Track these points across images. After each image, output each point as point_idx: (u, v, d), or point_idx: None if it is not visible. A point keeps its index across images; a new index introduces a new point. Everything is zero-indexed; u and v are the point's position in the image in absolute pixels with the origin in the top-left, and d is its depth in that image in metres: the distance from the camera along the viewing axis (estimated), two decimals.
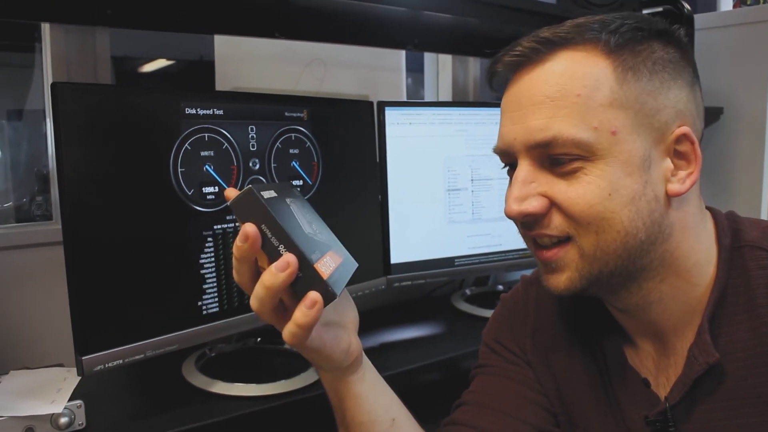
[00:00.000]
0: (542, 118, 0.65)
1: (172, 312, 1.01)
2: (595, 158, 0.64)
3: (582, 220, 0.65)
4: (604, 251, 0.65)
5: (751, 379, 0.65)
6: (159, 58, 1.68)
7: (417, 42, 1.60)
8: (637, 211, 0.65)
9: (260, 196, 0.59)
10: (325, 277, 0.58)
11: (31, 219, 1.37)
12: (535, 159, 0.67)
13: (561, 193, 0.66)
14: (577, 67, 0.65)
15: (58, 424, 0.90)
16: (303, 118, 1.19)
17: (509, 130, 0.69)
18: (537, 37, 0.67)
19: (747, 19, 1.82)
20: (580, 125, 0.64)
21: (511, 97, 0.69)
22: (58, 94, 0.88)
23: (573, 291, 0.68)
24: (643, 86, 0.65)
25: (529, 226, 0.69)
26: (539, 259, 0.71)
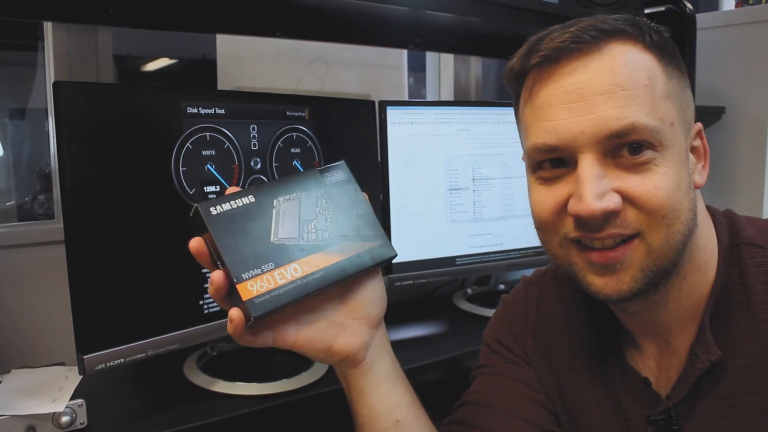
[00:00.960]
0: (616, 107, 0.62)
1: (173, 311, 1.01)
2: (662, 149, 0.63)
3: (658, 213, 0.63)
4: (670, 245, 0.64)
5: (750, 377, 0.65)
6: (161, 57, 1.68)
7: (419, 41, 1.60)
8: (690, 201, 0.66)
9: (206, 213, 0.60)
10: (245, 298, 0.59)
11: (33, 218, 1.37)
12: (601, 153, 0.64)
13: (637, 187, 0.63)
14: (635, 58, 0.64)
15: (60, 423, 0.90)
16: (304, 117, 1.19)
17: (571, 122, 0.63)
18: (585, 25, 0.65)
19: (749, 19, 1.82)
20: (651, 114, 0.63)
21: (566, 88, 0.64)
22: (59, 93, 0.88)
23: (634, 293, 0.65)
24: (679, 82, 0.67)
25: (596, 227, 0.64)
26: (594, 261, 0.66)
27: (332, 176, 0.70)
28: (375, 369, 0.71)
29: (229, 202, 0.62)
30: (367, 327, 0.70)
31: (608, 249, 0.65)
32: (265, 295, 0.60)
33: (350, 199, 0.70)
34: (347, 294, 0.69)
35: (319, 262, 0.64)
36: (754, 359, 0.66)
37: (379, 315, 0.71)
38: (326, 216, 0.67)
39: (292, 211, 0.66)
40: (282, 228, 0.64)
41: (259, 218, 0.63)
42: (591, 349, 0.79)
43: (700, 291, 0.70)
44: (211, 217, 0.61)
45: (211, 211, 0.61)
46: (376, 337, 0.71)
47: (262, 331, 0.63)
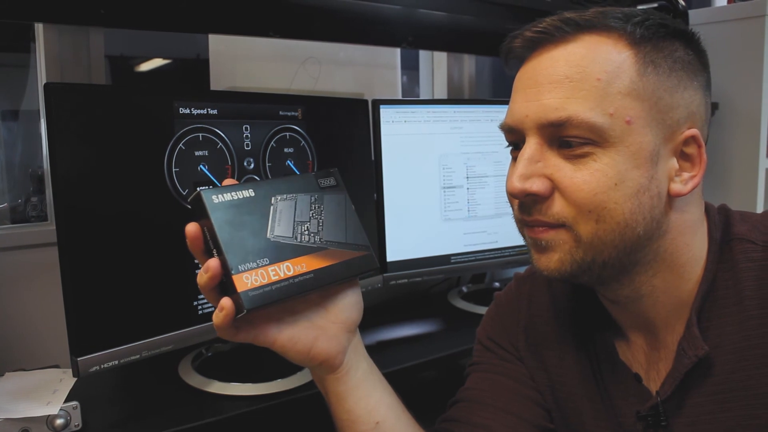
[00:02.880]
0: (558, 98, 0.64)
1: (167, 312, 1.01)
2: (606, 145, 0.63)
3: (583, 207, 0.64)
4: (601, 240, 0.64)
5: (739, 372, 0.66)
6: (155, 58, 1.68)
7: (412, 40, 1.60)
8: (639, 204, 0.64)
9: (207, 201, 0.61)
10: (240, 289, 0.59)
11: (26, 220, 1.36)
12: (544, 138, 0.66)
13: (566, 178, 0.64)
14: (600, 52, 0.65)
15: (54, 425, 0.90)
16: (297, 116, 1.19)
17: (522, 106, 0.67)
18: (562, 17, 0.67)
19: (741, 15, 1.82)
20: (596, 109, 0.63)
21: (528, 74, 0.68)
22: (51, 95, 0.88)
23: (563, 274, 0.67)
24: (661, 81, 0.65)
25: (526, 210, 0.68)
26: (530, 236, 0.69)
27: (325, 181, 0.71)
28: (352, 373, 0.71)
29: (231, 192, 0.63)
30: (345, 331, 0.70)
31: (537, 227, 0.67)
32: (258, 289, 0.61)
33: (340, 206, 0.71)
34: (327, 299, 0.70)
35: (311, 264, 0.65)
36: (743, 355, 0.66)
37: (356, 320, 0.72)
38: (318, 220, 0.68)
39: (288, 210, 0.66)
40: (278, 226, 0.64)
41: (257, 213, 0.64)
42: (581, 344, 0.79)
43: (681, 288, 0.70)
44: (213, 204, 0.61)
45: (213, 199, 0.61)
46: (352, 342, 0.72)
47: (245, 327, 0.64)
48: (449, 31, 1.61)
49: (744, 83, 1.82)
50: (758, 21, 1.78)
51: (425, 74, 1.99)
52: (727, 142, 1.87)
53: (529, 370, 0.83)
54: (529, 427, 0.80)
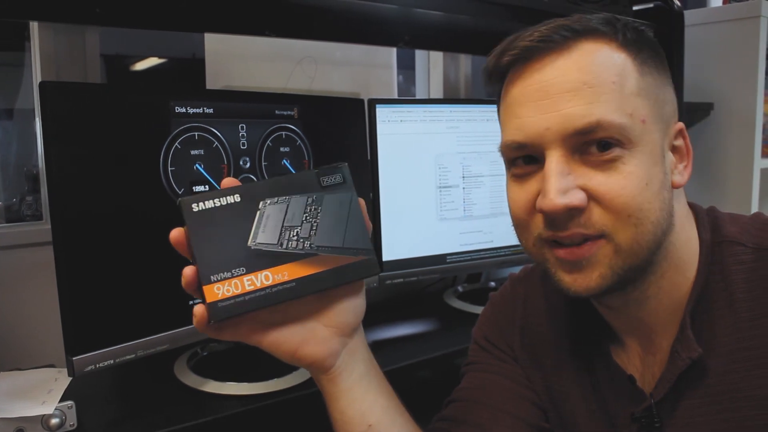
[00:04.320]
0: (582, 104, 0.62)
1: (162, 311, 1.01)
2: (630, 146, 0.63)
3: (624, 212, 0.63)
4: (639, 245, 0.64)
5: (731, 374, 0.66)
6: (151, 57, 1.68)
7: (408, 39, 1.60)
8: (663, 201, 0.65)
9: (186, 209, 0.60)
10: (208, 300, 0.59)
11: (21, 219, 1.36)
12: (568, 149, 0.64)
13: (602, 185, 0.63)
14: (605, 56, 0.65)
15: (49, 425, 0.90)
16: (293, 116, 1.19)
17: (538, 119, 0.64)
18: (556, 24, 0.66)
19: (736, 15, 1.83)
20: (618, 111, 0.63)
21: (534, 86, 0.65)
22: (46, 94, 0.88)
23: (602, 290, 0.65)
24: (655, 79, 0.67)
25: (561, 225, 0.64)
26: (562, 257, 0.66)
27: (329, 179, 0.67)
28: (345, 375, 0.69)
29: (214, 199, 0.61)
30: (338, 336, 0.68)
31: (575, 246, 0.65)
32: (230, 300, 0.60)
33: (343, 206, 0.67)
34: (323, 301, 0.67)
35: (294, 271, 0.63)
36: (736, 357, 0.66)
37: (354, 324, 0.70)
38: (312, 223, 0.65)
39: (277, 215, 0.64)
40: (262, 233, 0.63)
41: (241, 220, 0.62)
42: (576, 345, 0.79)
43: (680, 289, 0.70)
44: (192, 213, 0.60)
45: (192, 208, 0.60)
46: (348, 345, 0.69)
47: (229, 327, 0.63)
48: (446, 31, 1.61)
49: (739, 84, 1.83)
50: (753, 22, 1.78)
51: (421, 74, 1.99)
52: (721, 143, 1.88)
53: (524, 370, 0.83)
54: (525, 426, 0.80)
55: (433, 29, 1.58)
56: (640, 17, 1.61)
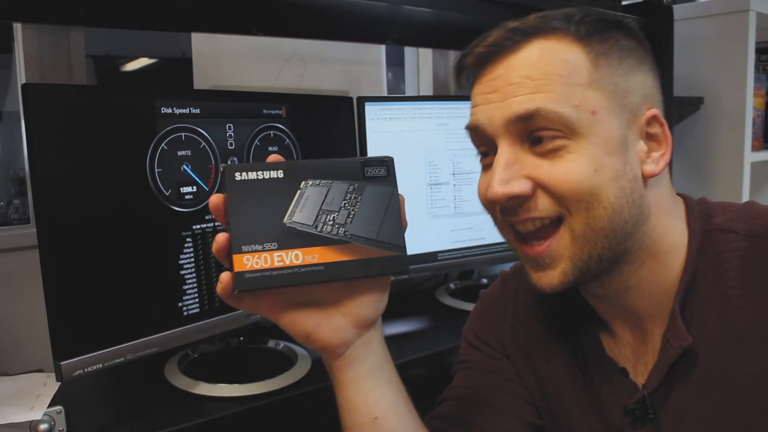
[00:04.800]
0: (524, 94, 0.65)
1: (152, 314, 1.00)
2: (577, 137, 0.65)
3: (572, 198, 0.65)
4: (593, 230, 0.65)
5: (721, 362, 0.66)
6: (140, 57, 1.66)
7: (396, 36, 1.59)
8: (621, 188, 0.65)
9: (228, 177, 0.61)
10: (236, 269, 0.59)
11: (8, 223, 1.35)
12: (515, 139, 0.67)
13: (547, 173, 0.65)
14: (554, 53, 0.67)
15: (38, 430, 0.89)
16: (282, 115, 1.18)
17: (485, 108, 0.69)
18: (506, 28, 0.68)
19: (725, 9, 1.83)
20: (562, 102, 0.64)
21: (486, 84, 0.70)
22: (29, 96, 0.87)
23: (567, 285, 0.67)
24: (614, 69, 0.67)
25: (512, 212, 0.68)
26: (527, 255, 0.69)
27: (373, 170, 0.67)
28: (355, 365, 0.69)
29: (257, 171, 0.62)
30: (354, 327, 0.68)
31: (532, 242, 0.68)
32: (257, 272, 0.60)
33: (383, 199, 0.66)
34: (347, 290, 0.67)
35: (324, 255, 0.63)
36: (726, 344, 0.66)
37: (372, 318, 0.69)
38: (350, 211, 0.65)
39: (317, 197, 0.64)
40: (299, 212, 0.63)
41: (280, 196, 0.62)
42: (567, 341, 0.79)
43: (665, 278, 0.70)
44: (233, 181, 0.61)
45: (235, 176, 0.61)
46: (362, 336, 0.69)
47: (248, 299, 0.63)
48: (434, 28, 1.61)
49: (729, 77, 1.83)
50: (742, 15, 1.78)
51: (410, 71, 1.98)
52: (712, 136, 1.88)
53: (516, 367, 0.83)
54: (519, 423, 0.80)
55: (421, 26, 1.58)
56: (629, 12, 1.60)
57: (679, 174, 1.86)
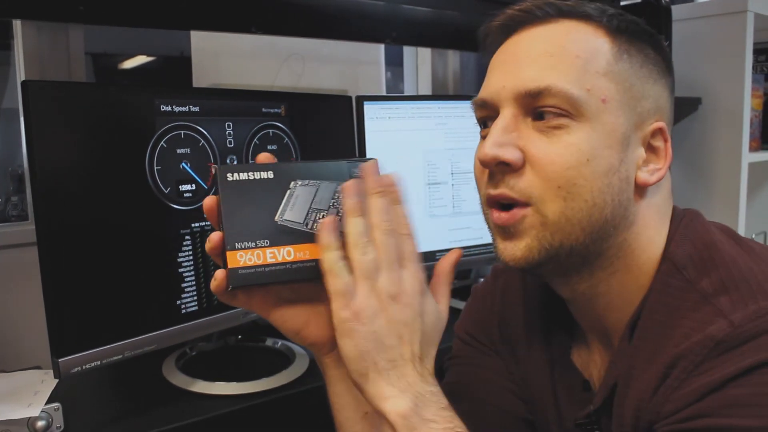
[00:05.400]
0: (538, 70, 0.64)
1: (150, 312, 1.00)
2: (581, 119, 0.63)
3: (553, 182, 0.63)
4: (568, 220, 0.63)
5: None
6: (139, 55, 1.66)
7: (395, 36, 1.59)
8: (608, 184, 0.63)
9: (221, 178, 0.62)
10: (230, 265, 0.60)
11: (7, 219, 1.35)
12: (519, 110, 0.65)
13: (539, 150, 0.63)
14: (580, 34, 0.66)
15: (36, 427, 0.89)
16: (281, 113, 1.18)
17: (498, 79, 0.67)
18: (545, 2, 0.68)
19: (724, 10, 1.83)
20: (574, 83, 0.63)
21: (506, 52, 0.69)
22: (28, 92, 0.87)
23: (530, 263, 0.65)
24: (634, 70, 0.66)
25: (494, 180, 0.66)
26: (495, 222, 0.67)
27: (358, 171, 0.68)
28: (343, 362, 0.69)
29: (248, 172, 0.63)
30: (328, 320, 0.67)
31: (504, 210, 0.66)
32: (250, 269, 0.61)
33: None
34: None
35: (315, 252, 0.63)
36: None
37: None
38: (338, 210, 0.66)
39: (306, 196, 0.65)
40: (290, 210, 0.64)
41: (271, 195, 0.63)
42: (546, 342, 0.79)
43: (632, 294, 0.67)
44: (225, 181, 0.62)
45: (227, 177, 0.62)
46: None
47: (241, 296, 0.64)
48: (433, 27, 1.61)
49: (726, 78, 1.83)
50: (740, 16, 1.79)
51: (409, 70, 1.98)
52: (710, 137, 1.88)
53: (505, 362, 0.83)
54: (511, 419, 0.80)
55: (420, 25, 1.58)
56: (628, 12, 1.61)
57: (677, 174, 1.87)
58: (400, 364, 0.60)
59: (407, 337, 0.60)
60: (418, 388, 0.60)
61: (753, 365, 0.55)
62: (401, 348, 0.60)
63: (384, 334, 0.59)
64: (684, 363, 0.59)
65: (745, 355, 0.56)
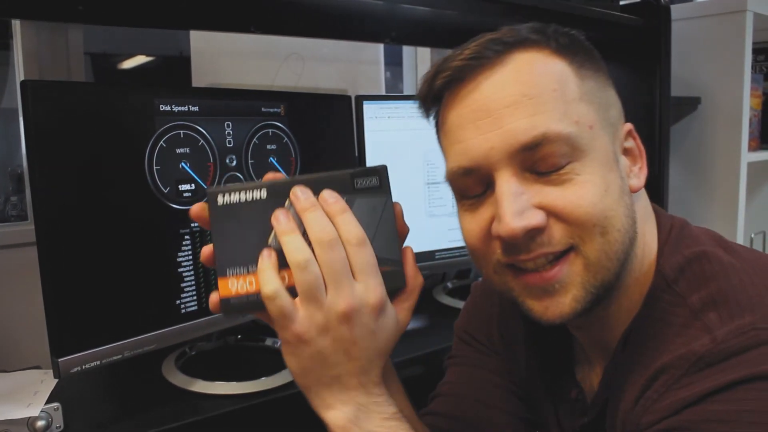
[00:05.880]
0: (524, 117, 0.59)
1: (149, 311, 1.00)
2: (581, 155, 0.60)
3: (587, 223, 0.59)
4: (608, 256, 0.60)
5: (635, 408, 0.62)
6: (138, 55, 1.66)
7: (395, 35, 1.59)
8: (626, 205, 0.62)
9: (211, 201, 0.60)
10: (222, 294, 0.59)
11: (6, 219, 1.35)
12: (517, 167, 0.60)
13: (559, 199, 0.59)
14: (541, 65, 0.61)
15: (35, 427, 0.89)
16: (280, 113, 1.18)
17: (480, 140, 0.60)
18: (486, 40, 0.62)
19: (723, 9, 1.83)
20: (564, 120, 0.59)
21: (472, 107, 0.62)
22: (27, 92, 0.87)
23: (577, 314, 0.61)
24: (595, 83, 0.64)
25: (524, 248, 0.60)
26: (532, 284, 0.61)
27: (364, 182, 0.63)
28: None
29: (240, 192, 0.60)
30: None
31: (543, 270, 0.61)
32: (242, 297, 0.59)
33: (375, 211, 0.63)
34: None
35: None
36: None
37: None
38: None
39: None
40: None
41: (264, 217, 0.60)
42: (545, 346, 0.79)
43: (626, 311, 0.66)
44: (216, 206, 0.60)
45: (217, 200, 0.60)
46: None
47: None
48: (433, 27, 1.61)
49: (726, 78, 1.83)
50: (740, 16, 1.79)
51: (409, 70, 1.98)
52: (709, 136, 1.88)
53: (505, 362, 0.83)
54: (510, 418, 0.80)
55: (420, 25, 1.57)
56: (627, 12, 1.61)
57: (676, 174, 1.87)
58: (345, 379, 0.59)
59: (356, 353, 0.58)
60: (360, 400, 0.59)
61: (734, 381, 0.54)
62: (347, 364, 0.59)
63: (329, 353, 0.58)
64: (665, 377, 0.58)
65: (726, 371, 0.55)
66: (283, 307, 0.57)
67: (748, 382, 0.53)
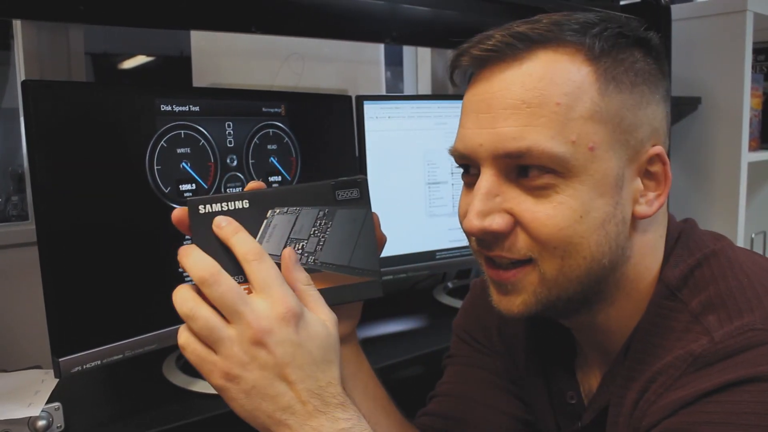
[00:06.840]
0: (516, 126, 0.59)
1: (150, 311, 1.00)
2: (569, 175, 0.59)
3: (548, 244, 0.60)
4: (566, 277, 0.61)
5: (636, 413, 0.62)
6: (139, 54, 1.66)
7: (396, 35, 1.59)
8: (605, 235, 0.60)
9: (192, 211, 0.60)
10: None
11: (7, 219, 1.35)
12: (500, 169, 0.61)
13: (528, 212, 0.60)
14: (558, 72, 0.60)
15: (36, 427, 0.89)
16: (281, 113, 1.18)
17: (475, 133, 0.62)
18: (512, 30, 0.61)
19: (723, 9, 1.83)
20: (557, 138, 0.58)
21: (479, 96, 0.63)
22: (28, 92, 0.87)
23: (525, 315, 0.64)
24: (624, 99, 0.61)
25: (486, 245, 0.63)
26: (493, 278, 0.65)
27: (345, 193, 0.64)
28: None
29: (222, 203, 0.60)
30: None
31: (501, 269, 0.63)
32: None
33: (355, 223, 0.64)
34: None
35: None
36: None
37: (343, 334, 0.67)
38: (320, 238, 0.63)
39: (285, 226, 0.62)
40: (266, 242, 0.61)
41: (247, 227, 0.60)
42: (544, 346, 0.79)
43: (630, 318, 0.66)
44: (197, 215, 0.60)
45: (198, 209, 0.60)
46: None
47: None
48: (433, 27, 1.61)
49: (726, 78, 1.83)
50: (740, 16, 1.79)
51: (409, 70, 1.98)
52: (709, 137, 1.88)
53: (504, 362, 0.83)
54: (508, 418, 0.80)
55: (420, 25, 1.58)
56: (627, 12, 1.61)
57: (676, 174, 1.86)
58: (298, 409, 0.54)
59: (294, 375, 0.55)
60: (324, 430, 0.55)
61: (730, 382, 0.54)
62: (291, 391, 0.55)
63: (265, 385, 0.54)
64: (663, 378, 0.58)
65: (723, 371, 0.55)
66: (200, 354, 0.55)
67: (745, 383, 0.53)
